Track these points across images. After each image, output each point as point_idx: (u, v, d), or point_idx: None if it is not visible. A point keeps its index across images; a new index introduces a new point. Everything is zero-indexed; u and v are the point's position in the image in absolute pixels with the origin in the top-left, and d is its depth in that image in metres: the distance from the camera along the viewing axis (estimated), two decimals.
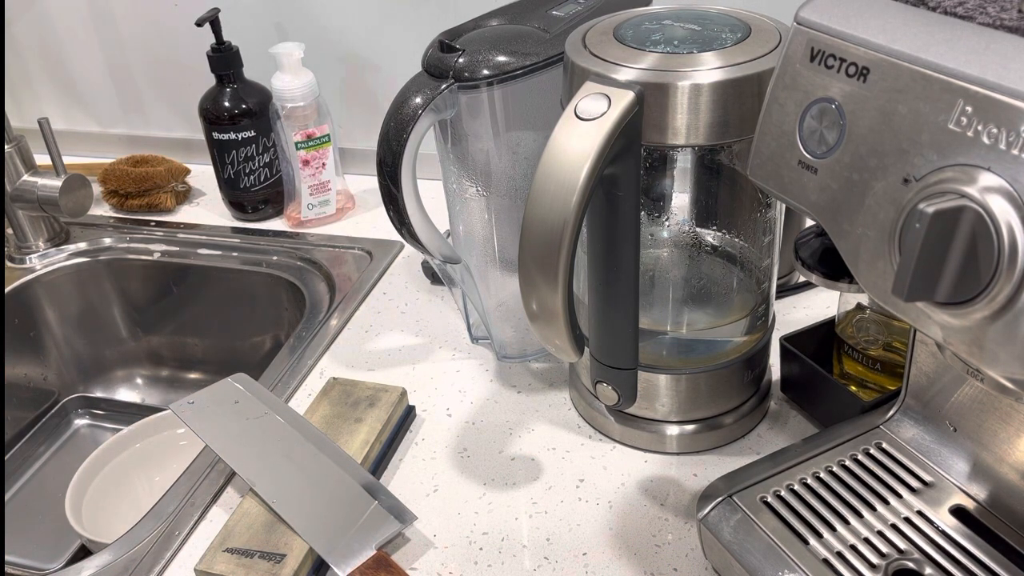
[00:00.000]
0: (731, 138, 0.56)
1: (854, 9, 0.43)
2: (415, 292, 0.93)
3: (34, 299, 1.06)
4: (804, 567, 0.52)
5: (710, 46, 0.57)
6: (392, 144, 0.67)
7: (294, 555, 0.61)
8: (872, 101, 0.41)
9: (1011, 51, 0.36)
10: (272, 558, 0.61)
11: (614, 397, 0.66)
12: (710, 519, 0.57)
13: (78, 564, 0.66)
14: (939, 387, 0.58)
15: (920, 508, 0.56)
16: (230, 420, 0.73)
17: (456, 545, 0.64)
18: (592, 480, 0.69)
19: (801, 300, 0.86)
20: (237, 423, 0.73)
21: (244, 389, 0.77)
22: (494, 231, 0.75)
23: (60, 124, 1.22)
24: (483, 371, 0.81)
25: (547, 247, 0.53)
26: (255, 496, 0.66)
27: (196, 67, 1.06)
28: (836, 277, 0.55)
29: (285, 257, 1.02)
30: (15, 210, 1.04)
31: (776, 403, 0.75)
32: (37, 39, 1.23)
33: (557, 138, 0.53)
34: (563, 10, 0.72)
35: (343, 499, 0.65)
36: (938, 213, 0.35)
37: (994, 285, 0.36)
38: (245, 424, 0.73)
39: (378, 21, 1.07)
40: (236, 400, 0.75)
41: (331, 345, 0.86)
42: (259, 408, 0.74)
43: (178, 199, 1.14)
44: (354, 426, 0.72)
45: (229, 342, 1.08)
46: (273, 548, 0.62)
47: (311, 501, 0.65)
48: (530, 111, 0.70)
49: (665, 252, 0.71)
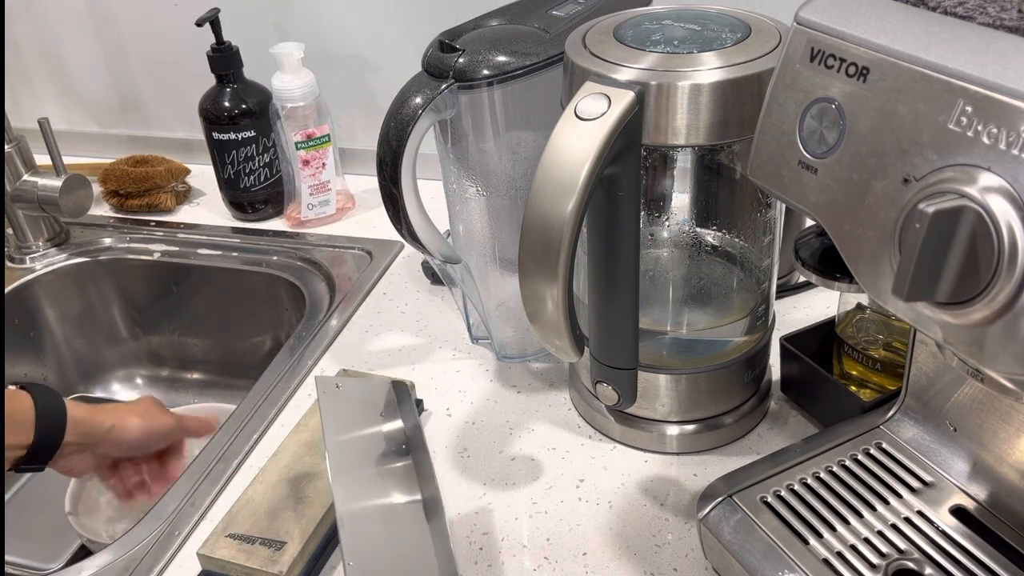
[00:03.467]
0: (731, 138, 0.56)
1: (854, 9, 0.43)
2: (415, 292, 0.93)
3: (34, 299, 1.06)
4: (804, 567, 0.52)
5: (710, 46, 0.57)
6: (392, 144, 0.67)
7: (294, 543, 0.62)
8: (872, 101, 0.41)
9: (1011, 51, 0.36)
10: (273, 545, 0.62)
11: (614, 397, 0.66)
12: (710, 519, 0.57)
13: (78, 564, 0.66)
14: (939, 387, 0.58)
15: (920, 508, 0.56)
16: (362, 423, 0.65)
17: (456, 545, 0.64)
18: (592, 480, 0.69)
19: (801, 300, 0.86)
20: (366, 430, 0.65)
21: (397, 401, 0.68)
22: (494, 231, 0.75)
23: (60, 124, 1.22)
24: (483, 371, 0.81)
25: (547, 247, 0.53)
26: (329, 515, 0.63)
27: (196, 67, 1.06)
28: (836, 277, 0.55)
29: (285, 257, 1.02)
30: (15, 210, 1.04)
31: (776, 403, 0.75)
32: (37, 39, 1.23)
33: (557, 138, 0.53)
34: (563, 10, 0.72)
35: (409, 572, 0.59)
36: (938, 213, 0.35)
37: (994, 285, 0.36)
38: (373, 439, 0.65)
39: (378, 21, 1.07)
40: (381, 411, 0.67)
41: (331, 345, 0.86)
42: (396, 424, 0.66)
43: (178, 199, 1.14)
44: None
45: (229, 342, 1.08)
46: (275, 535, 0.63)
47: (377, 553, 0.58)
48: (530, 111, 0.70)
49: (665, 252, 0.71)
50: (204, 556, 0.63)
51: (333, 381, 0.67)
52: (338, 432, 0.63)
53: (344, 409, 0.65)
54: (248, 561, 0.61)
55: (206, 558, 0.63)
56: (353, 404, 0.67)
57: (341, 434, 0.63)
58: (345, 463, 0.61)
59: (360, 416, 0.66)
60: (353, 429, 0.65)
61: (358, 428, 0.65)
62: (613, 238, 0.58)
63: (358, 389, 0.69)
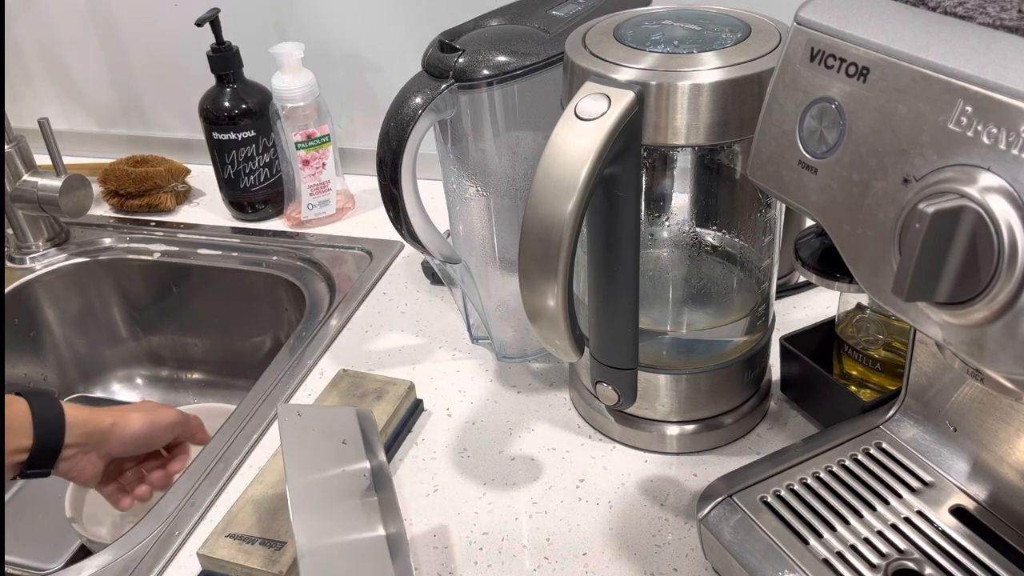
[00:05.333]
0: (731, 138, 0.56)
1: (854, 9, 0.43)
2: (415, 292, 0.93)
3: (34, 299, 1.06)
4: (804, 567, 0.52)
5: (710, 46, 0.57)
6: (392, 144, 0.67)
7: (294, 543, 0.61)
8: (872, 101, 0.41)
9: (1011, 51, 0.36)
10: (273, 545, 0.62)
11: (614, 397, 0.66)
12: (710, 519, 0.57)
13: (78, 564, 0.66)
14: (939, 387, 0.58)
15: (920, 508, 0.56)
16: (326, 454, 0.62)
17: (456, 545, 0.64)
18: (592, 480, 0.69)
19: (801, 300, 0.86)
20: (330, 463, 0.62)
21: (361, 431, 0.65)
22: (494, 231, 0.75)
23: (60, 124, 1.22)
24: (483, 371, 0.81)
25: (547, 247, 0.53)
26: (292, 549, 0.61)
27: (196, 67, 1.06)
28: (836, 277, 0.55)
29: (285, 257, 1.02)
30: (15, 210, 1.04)
31: (776, 403, 0.75)
32: (37, 39, 1.23)
33: (557, 138, 0.53)
34: (563, 10, 0.72)
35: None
36: (938, 213, 0.35)
37: (994, 285, 0.36)
38: (337, 472, 0.62)
39: (378, 21, 1.07)
40: (344, 440, 0.64)
41: (331, 345, 0.86)
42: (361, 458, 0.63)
43: (178, 199, 1.14)
44: None
45: (229, 342, 1.08)
46: (274, 535, 0.63)
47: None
48: (530, 111, 0.70)
49: (665, 252, 0.71)
50: (204, 556, 0.63)
51: (295, 409, 0.64)
52: (300, 462, 0.60)
53: (307, 438, 0.63)
54: (248, 561, 0.61)
55: (206, 558, 0.63)
56: (316, 434, 0.63)
57: (303, 465, 0.61)
58: (307, 496, 0.59)
59: (323, 447, 0.63)
60: (316, 460, 0.62)
61: (321, 459, 0.62)
62: (613, 238, 0.58)
63: (321, 418, 0.65)
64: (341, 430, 0.65)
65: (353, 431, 0.65)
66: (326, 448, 0.63)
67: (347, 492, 0.61)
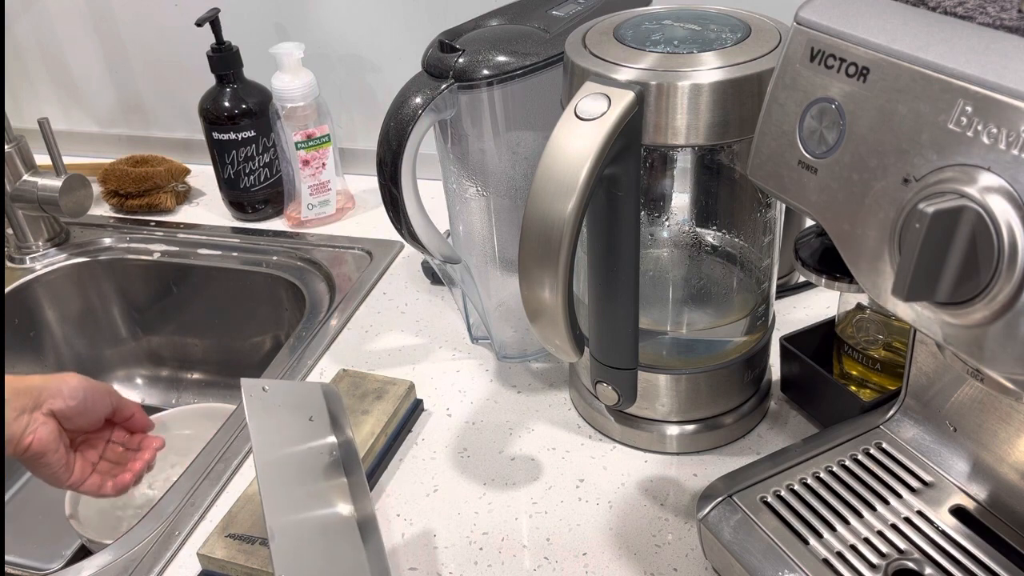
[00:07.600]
0: (731, 138, 0.56)
1: (854, 9, 0.43)
2: (415, 292, 0.93)
3: (34, 299, 1.06)
4: (804, 567, 0.52)
5: (710, 46, 0.57)
6: (392, 144, 0.67)
7: None
8: (872, 101, 0.41)
9: (1011, 51, 0.36)
10: None
11: (614, 397, 0.66)
12: (710, 519, 0.57)
13: (78, 564, 0.66)
14: (939, 387, 0.58)
15: (920, 508, 0.56)
16: (292, 432, 0.61)
17: (456, 545, 0.64)
18: (592, 480, 0.69)
19: (801, 300, 0.86)
20: (297, 441, 0.61)
21: (327, 407, 0.64)
22: (494, 231, 0.75)
23: (60, 124, 1.22)
24: (483, 371, 0.81)
25: (547, 247, 0.53)
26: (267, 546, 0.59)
27: (196, 67, 1.06)
28: (836, 277, 0.55)
29: (285, 257, 1.02)
30: (15, 210, 1.04)
31: (776, 403, 0.75)
32: (37, 39, 1.23)
33: (557, 138, 0.53)
34: (563, 10, 0.72)
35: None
36: (938, 213, 0.35)
37: (994, 285, 0.36)
38: (304, 450, 0.60)
39: (378, 21, 1.07)
40: (311, 416, 0.62)
41: (331, 345, 0.86)
42: (328, 436, 0.62)
43: (178, 199, 1.14)
44: (360, 418, 0.72)
45: (229, 342, 1.08)
46: None
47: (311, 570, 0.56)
48: (530, 111, 0.70)
49: (665, 252, 0.71)
50: (204, 556, 0.63)
51: (259, 384, 0.61)
52: (267, 439, 0.59)
53: (273, 414, 0.61)
54: (248, 561, 0.61)
55: (206, 558, 0.63)
56: (283, 409, 0.61)
57: (270, 441, 0.59)
58: (275, 473, 0.57)
59: (290, 423, 0.61)
60: (283, 437, 0.60)
61: (288, 436, 0.61)
62: (613, 238, 0.58)
63: (286, 393, 0.63)
64: (307, 406, 0.63)
65: (320, 407, 0.63)
66: (292, 424, 0.61)
67: (315, 469, 0.60)
